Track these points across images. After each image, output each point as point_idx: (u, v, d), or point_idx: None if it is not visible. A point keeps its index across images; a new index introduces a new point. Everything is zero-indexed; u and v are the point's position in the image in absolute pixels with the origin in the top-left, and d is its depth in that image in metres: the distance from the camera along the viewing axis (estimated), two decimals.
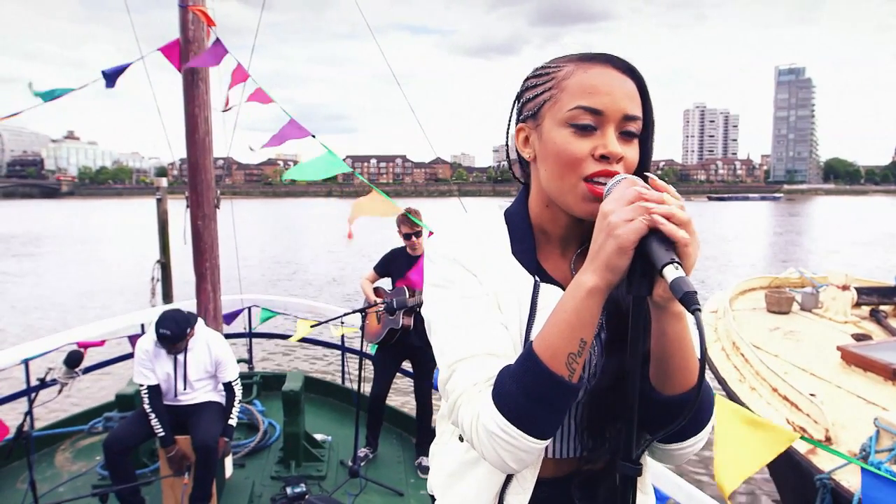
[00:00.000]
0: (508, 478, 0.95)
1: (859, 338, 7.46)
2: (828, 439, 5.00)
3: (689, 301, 0.68)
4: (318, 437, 4.39)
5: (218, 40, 3.61)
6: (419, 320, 4.17)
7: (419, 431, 4.33)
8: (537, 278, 0.95)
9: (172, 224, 5.35)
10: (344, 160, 3.69)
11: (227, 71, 3.76)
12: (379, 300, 4.16)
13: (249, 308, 5.59)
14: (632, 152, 0.91)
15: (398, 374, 4.48)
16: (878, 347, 6.84)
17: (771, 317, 8.77)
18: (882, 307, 8.78)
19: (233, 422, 3.61)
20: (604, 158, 0.88)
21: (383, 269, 4.34)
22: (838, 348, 6.78)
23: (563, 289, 0.96)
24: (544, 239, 1.00)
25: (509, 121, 1.04)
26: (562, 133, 0.90)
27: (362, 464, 4.10)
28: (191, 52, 3.73)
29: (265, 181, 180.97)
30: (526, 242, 0.99)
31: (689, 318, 0.83)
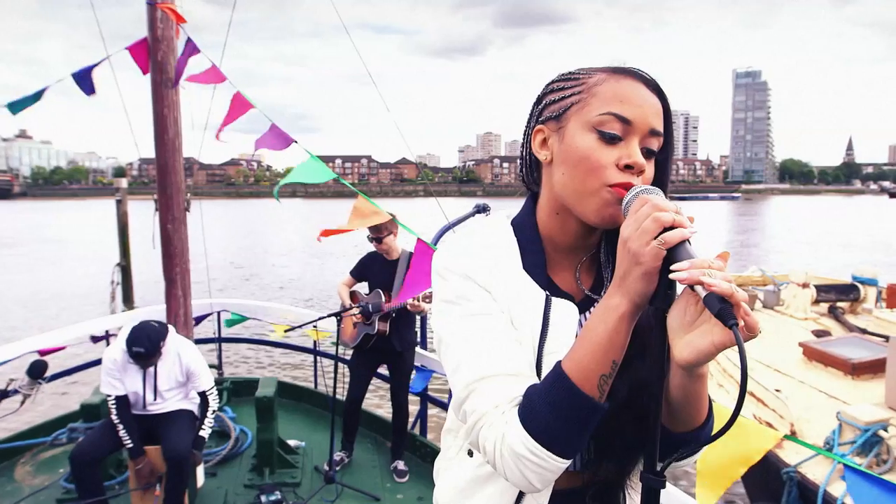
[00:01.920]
0: (521, 493, 0.94)
1: (819, 334, 7.70)
2: (793, 433, 5.14)
3: (726, 316, 0.67)
4: (292, 443, 4.32)
5: (190, 40, 3.51)
6: (397, 325, 4.13)
7: (395, 436, 4.31)
8: (548, 293, 0.94)
9: (135, 226, 5.21)
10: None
11: (198, 70, 3.68)
12: (354, 305, 4.11)
13: (219, 313, 5.48)
14: (650, 170, 0.91)
15: (374, 378, 4.44)
16: (837, 343, 7.07)
17: None
18: (839, 304, 9.08)
19: (204, 433, 3.52)
20: (628, 168, 0.87)
21: (359, 273, 4.29)
22: (800, 344, 6.99)
23: (573, 301, 0.95)
24: (552, 248, 0.99)
25: (528, 122, 1.01)
26: (587, 138, 0.89)
27: (338, 469, 4.05)
28: (159, 52, 3.62)
29: (228, 181, 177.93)
30: (536, 256, 0.97)
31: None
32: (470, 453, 1.01)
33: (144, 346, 3.22)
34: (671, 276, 0.73)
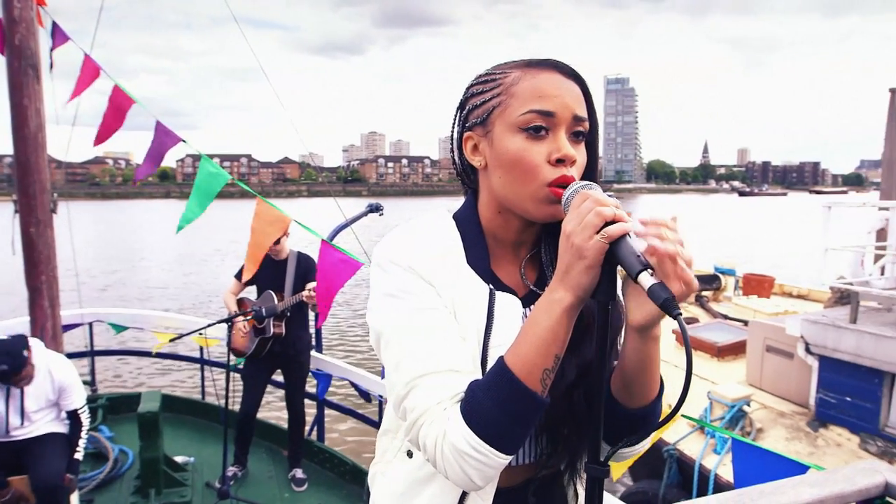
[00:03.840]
0: (465, 492, 0.92)
1: (688, 321, 8.37)
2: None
3: (670, 307, 0.69)
4: (180, 459, 4.05)
5: (56, 25, 3.14)
6: (291, 327, 3.99)
7: (292, 443, 4.16)
8: (492, 287, 0.94)
9: None
10: (183, 159, 3.40)
11: (63, 59, 3.33)
12: (246, 310, 3.93)
13: (91, 323, 5.01)
14: (581, 154, 0.93)
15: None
16: (704, 328, 7.73)
17: None
18: (704, 293, 9.92)
19: (79, 455, 3.21)
20: (559, 162, 0.88)
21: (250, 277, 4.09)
22: (673, 331, 7.55)
23: (516, 295, 0.95)
24: (496, 244, 0.99)
25: (453, 129, 1.01)
26: (515, 139, 0.89)
27: (231, 483, 3.85)
28: (16, 34, 3.22)
29: (92, 181, 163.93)
30: (479, 250, 0.96)
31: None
32: (409, 454, 0.98)
33: (6, 362, 2.88)
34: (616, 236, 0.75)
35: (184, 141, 3.22)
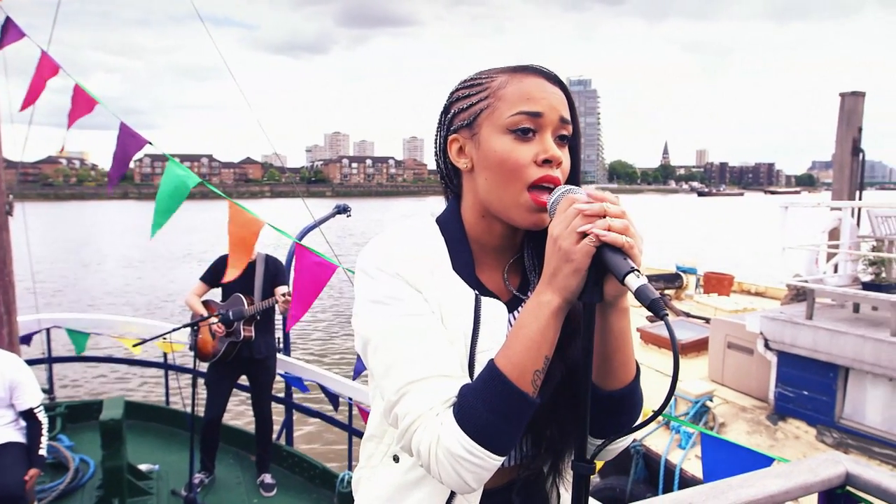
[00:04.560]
0: (452, 494, 0.93)
1: (652, 319, 8.54)
2: None
3: (657, 307, 0.71)
4: (144, 467, 3.95)
5: (9, 20, 3.03)
6: (258, 330, 3.94)
7: (259, 448, 4.10)
8: (477, 292, 0.94)
9: None
10: (141, 159, 3.31)
11: (14, 54, 3.21)
12: (213, 314, 3.85)
13: (48, 329, 4.85)
14: (566, 157, 0.95)
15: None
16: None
17: None
18: (667, 291, 10.14)
19: (42, 451, 3.10)
20: (546, 163, 0.90)
21: (212, 278, 3.99)
22: (638, 330, 7.70)
23: (501, 301, 0.96)
24: (479, 249, 0.99)
25: (437, 132, 1.02)
26: (503, 140, 0.91)
27: (198, 490, 3.77)
28: None
29: (44, 182, 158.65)
30: (464, 255, 0.97)
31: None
32: (395, 459, 0.98)
33: None
34: (585, 239, 0.77)
35: (150, 143, 3.14)
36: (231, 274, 3.64)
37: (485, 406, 0.81)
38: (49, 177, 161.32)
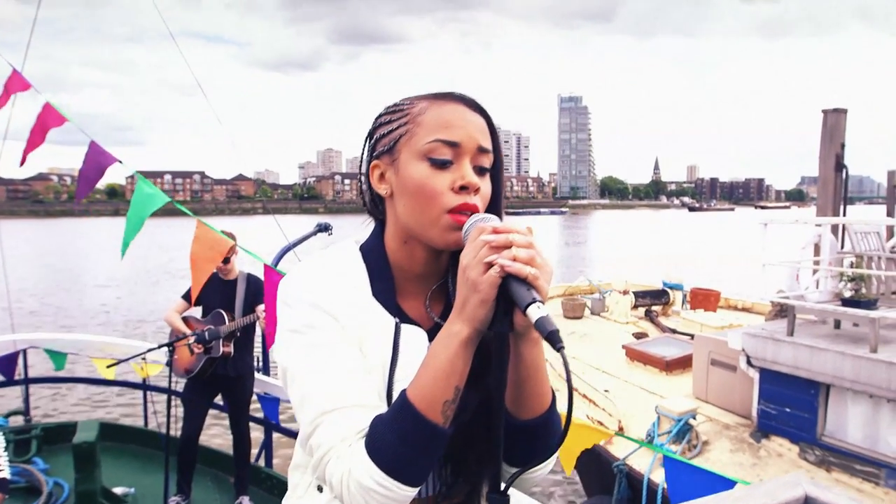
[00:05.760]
0: None
1: (639, 336, 8.54)
2: (620, 429, 5.63)
3: (554, 339, 0.72)
4: (119, 490, 3.90)
5: None
6: (236, 348, 3.92)
7: (238, 469, 4.06)
8: (398, 320, 0.94)
9: None
10: (132, 176, 3.32)
11: None
12: (189, 332, 3.83)
13: (25, 350, 4.80)
14: (486, 186, 0.94)
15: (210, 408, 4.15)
16: (653, 343, 7.89)
17: (568, 322, 9.69)
18: (654, 307, 10.16)
19: (5, 474, 3.04)
20: (463, 189, 0.90)
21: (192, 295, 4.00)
22: (623, 346, 7.70)
23: (422, 328, 0.96)
24: (402, 276, 0.99)
25: (361, 158, 1.02)
26: (420, 167, 0.91)
27: None
28: None
29: (35, 198, 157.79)
30: (385, 282, 0.97)
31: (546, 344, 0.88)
32: (320, 489, 0.98)
33: None
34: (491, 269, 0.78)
35: (119, 161, 3.15)
36: (194, 294, 3.65)
37: (395, 437, 0.80)
38: (39, 193, 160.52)
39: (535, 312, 0.74)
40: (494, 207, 0.97)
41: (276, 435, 4.57)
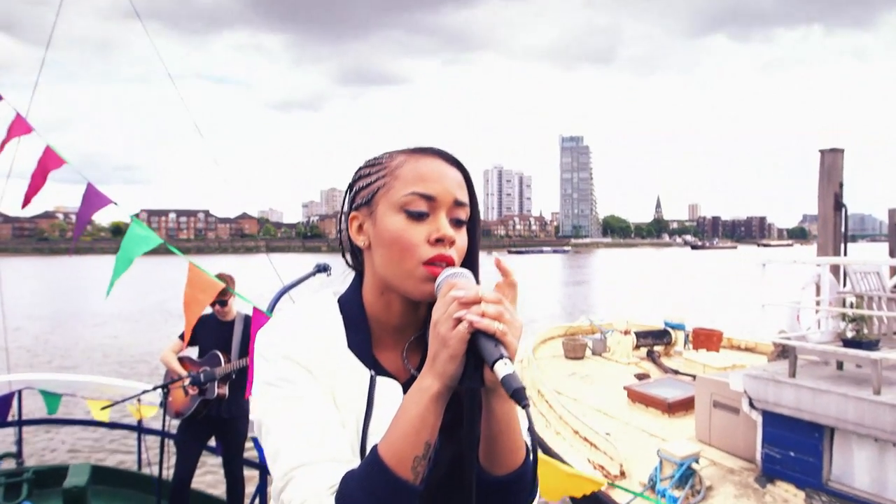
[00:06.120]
0: None
1: (641, 377, 8.45)
2: (622, 473, 5.52)
3: (520, 397, 0.72)
4: None
5: None
6: (232, 390, 3.89)
7: None
8: (373, 372, 0.94)
9: None
10: (138, 214, 3.35)
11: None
12: (185, 373, 3.81)
13: (20, 391, 4.77)
14: (462, 238, 0.96)
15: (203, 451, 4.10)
16: (655, 384, 7.80)
17: (569, 362, 9.61)
18: (656, 347, 10.08)
19: None
20: (438, 242, 0.91)
21: (191, 337, 4.00)
22: (625, 388, 7.61)
23: (398, 380, 0.96)
24: (379, 327, 1.00)
25: (342, 209, 1.04)
26: (396, 219, 0.93)
27: None
28: None
29: (40, 236, 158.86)
30: (361, 334, 0.97)
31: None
32: None
33: None
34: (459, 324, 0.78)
35: (115, 203, 3.20)
36: (186, 332, 3.67)
37: (364, 494, 0.79)
38: (45, 231, 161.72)
39: (501, 369, 0.74)
40: (470, 260, 0.98)
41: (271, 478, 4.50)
